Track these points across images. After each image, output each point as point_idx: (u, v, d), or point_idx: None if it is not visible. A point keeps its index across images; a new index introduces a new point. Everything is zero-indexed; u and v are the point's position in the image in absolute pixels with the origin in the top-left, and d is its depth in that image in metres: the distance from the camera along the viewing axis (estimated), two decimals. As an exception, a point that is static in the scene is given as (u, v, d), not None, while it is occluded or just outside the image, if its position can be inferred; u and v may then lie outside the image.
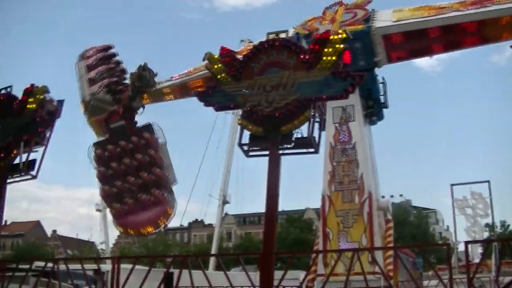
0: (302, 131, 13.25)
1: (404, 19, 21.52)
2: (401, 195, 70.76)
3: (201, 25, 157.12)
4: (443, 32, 21.17)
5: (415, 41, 21.69)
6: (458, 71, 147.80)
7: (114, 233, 60.10)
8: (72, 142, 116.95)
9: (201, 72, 24.99)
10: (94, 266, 17.56)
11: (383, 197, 28.97)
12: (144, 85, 24.71)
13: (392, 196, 60.89)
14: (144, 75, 24.47)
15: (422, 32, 21.24)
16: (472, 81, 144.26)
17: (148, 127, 23.30)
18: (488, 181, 38.20)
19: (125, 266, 14.62)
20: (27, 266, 16.05)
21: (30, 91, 16.92)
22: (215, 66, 14.83)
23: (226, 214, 68.21)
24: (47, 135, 16.97)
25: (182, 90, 27.06)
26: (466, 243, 13.85)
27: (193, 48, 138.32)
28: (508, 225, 63.00)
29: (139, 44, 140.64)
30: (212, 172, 75.70)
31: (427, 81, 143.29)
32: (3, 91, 17.55)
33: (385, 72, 23.46)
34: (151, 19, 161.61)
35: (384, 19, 21.85)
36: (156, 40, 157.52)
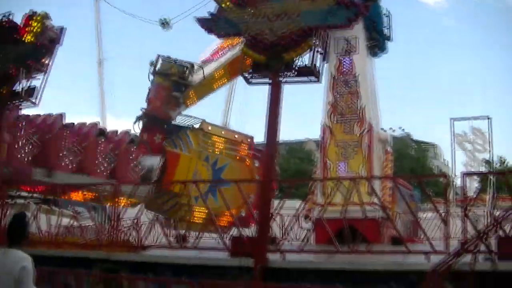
0: (305, 60, 13.33)
1: None
2: (401, 129, 70.76)
3: None
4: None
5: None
6: (465, 9, 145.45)
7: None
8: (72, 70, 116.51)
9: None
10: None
11: (383, 130, 29.19)
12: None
13: (392, 130, 61.04)
14: None
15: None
16: (478, 21, 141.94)
17: None
18: (489, 117, 38.30)
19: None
20: (28, 194, 16.45)
21: (31, 17, 16.87)
22: (219, -9, 14.74)
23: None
24: (48, 62, 17.01)
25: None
26: (463, 174, 14.10)
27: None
28: (507, 161, 63.63)
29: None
30: (214, 102, 75.62)
31: (433, 18, 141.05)
32: (3, 18, 17.48)
33: (390, 6, 23.19)
34: None
35: None
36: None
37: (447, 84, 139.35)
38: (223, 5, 14.53)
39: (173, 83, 23.84)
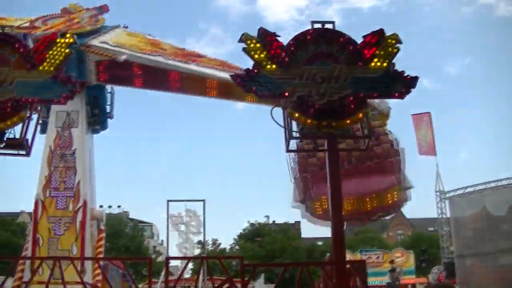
0: (15, 131, 12.71)
1: (119, 45, 21.38)
2: (119, 206, 70.91)
3: None
4: (145, 71, 21.75)
5: (119, 70, 21.73)
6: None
7: None
8: None
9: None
10: None
11: (101, 206, 28.98)
12: None
13: (110, 207, 60.85)
14: None
15: (127, 65, 21.36)
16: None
17: None
18: (204, 200, 40.05)
19: None
20: None
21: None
22: None
23: None
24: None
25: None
26: (167, 258, 14.42)
27: None
28: (219, 243, 67.26)
29: None
30: None
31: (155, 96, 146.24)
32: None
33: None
34: None
35: (106, 39, 21.61)
36: None
37: (168, 165, 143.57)
38: None
39: None
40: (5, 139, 12.60)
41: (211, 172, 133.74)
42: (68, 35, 13.24)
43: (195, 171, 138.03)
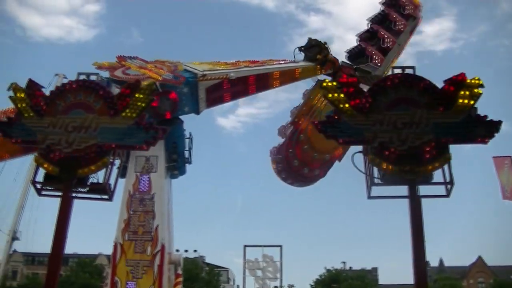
0: (99, 176, 13.09)
1: (218, 69, 23.06)
2: (195, 251, 71.51)
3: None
4: (257, 79, 23.86)
5: (235, 86, 23.38)
6: (257, 134, 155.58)
7: None
8: None
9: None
10: None
11: (177, 250, 29.16)
12: None
13: (186, 251, 61.38)
14: None
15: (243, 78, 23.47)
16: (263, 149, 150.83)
17: None
18: (280, 246, 39.90)
19: None
20: None
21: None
22: (19, 98, 14.31)
23: (15, 251, 64.41)
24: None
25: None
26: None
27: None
28: (295, 289, 66.50)
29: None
30: (5, 206, 71.25)
31: (230, 141, 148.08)
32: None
33: (191, 127, 23.90)
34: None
35: (199, 68, 22.78)
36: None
37: (243, 209, 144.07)
38: (21, 109, 14.12)
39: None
40: (88, 183, 12.96)
41: (287, 217, 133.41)
42: (150, 82, 13.61)
43: (271, 216, 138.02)
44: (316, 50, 26.89)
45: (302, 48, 26.96)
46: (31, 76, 14.87)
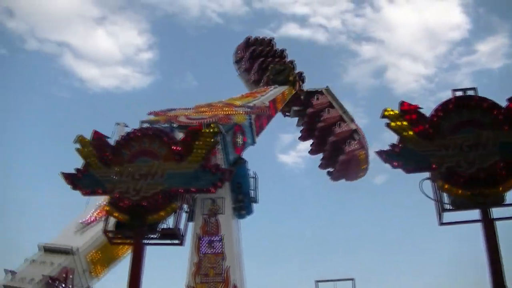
0: (168, 221, 13.14)
1: (251, 100, 25.93)
2: (267, 289, 70.76)
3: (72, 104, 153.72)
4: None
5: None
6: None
7: None
8: None
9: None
10: None
11: (249, 290, 28.92)
12: None
13: (258, 289, 60.78)
14: None
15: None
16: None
17: None
18: (353, 279, 39.01)
19: None
20: None
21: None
22: (85, 150, 14.59)
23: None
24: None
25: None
26: None
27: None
28: (369, 323, 64.76)
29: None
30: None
31: (293, 177, 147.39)
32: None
33: (254, 166, 23.97)
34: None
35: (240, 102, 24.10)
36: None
37: (311, 244, 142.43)
38: (89, 161, 14.37)
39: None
40: (159, 229, 13.03)
41: (357, 249, 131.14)
42: (212, 125, 13.70)
43: (340, 249, 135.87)
44: (286, 73, 29.66)
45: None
46: (93, 126, 15.21)
